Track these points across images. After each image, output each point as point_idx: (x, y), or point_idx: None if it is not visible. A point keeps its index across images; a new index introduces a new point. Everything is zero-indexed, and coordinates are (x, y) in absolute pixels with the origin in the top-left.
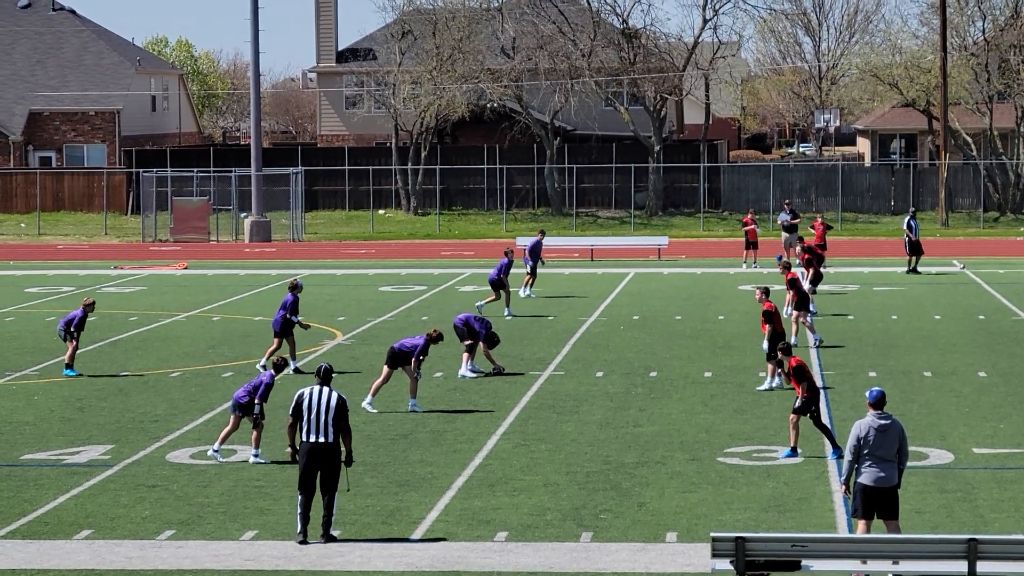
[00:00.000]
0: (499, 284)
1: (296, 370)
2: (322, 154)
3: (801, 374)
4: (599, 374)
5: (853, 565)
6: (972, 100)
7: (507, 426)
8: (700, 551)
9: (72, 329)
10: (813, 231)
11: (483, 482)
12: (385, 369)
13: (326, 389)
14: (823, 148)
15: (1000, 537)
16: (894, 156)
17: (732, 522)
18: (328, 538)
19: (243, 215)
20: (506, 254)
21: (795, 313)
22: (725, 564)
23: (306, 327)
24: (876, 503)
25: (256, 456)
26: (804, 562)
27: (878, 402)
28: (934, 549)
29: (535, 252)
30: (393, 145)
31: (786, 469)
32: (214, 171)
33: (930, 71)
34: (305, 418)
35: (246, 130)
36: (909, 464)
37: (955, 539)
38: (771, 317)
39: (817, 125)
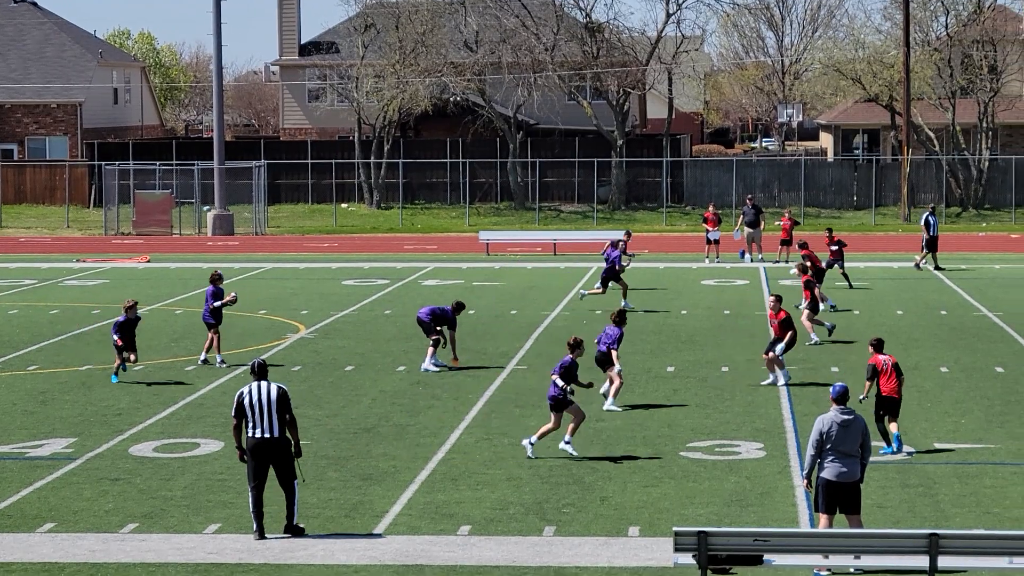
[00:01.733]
0: (613, 275)
1: (222, 362)
2: (285, 147)
3: (873, 372)
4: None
5: (815, 560)
6: (935, 95)
7: (470, 420)
8: (662, 545)
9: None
10: (780, 226)
11: (446, 476)
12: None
13: (264, 383)
14: (786, 143)
15: (961, 532)
16: (857, 151)
17: (694, 516)
18: (295, 531)
19: (206, 208)
20: (614, 245)
21: (806, 313)
22: (687, 558)
23: (233, 300)
24: (838, 498)
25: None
26: (766, 556)
27: (841, 397)
28: (895, 544)
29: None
30: (356, 139)
31: (748, 464)
32: (177, 164)
33: (893, 66)
34: (249, 415)
35: (209, 123)
36: (871, 459)
37: (916, 534)
38: (789, 324)
39: (780, 120)
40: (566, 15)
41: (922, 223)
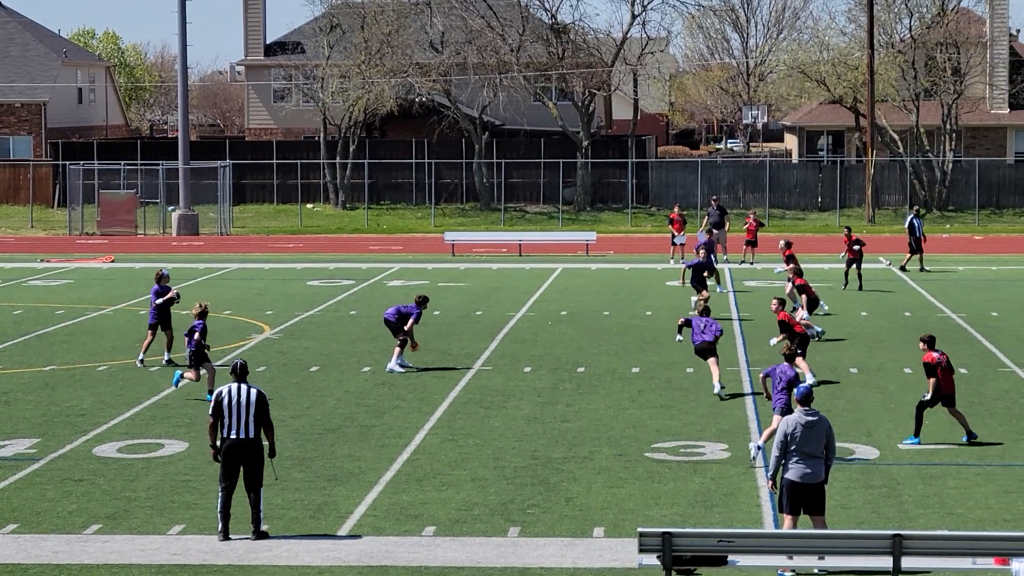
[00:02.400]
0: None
1: (169, 362)
2: (250, 148)
3: (930, 370)
4: (527, 369)
5: (779, 560)
6: (899, 97)
7: (435, 421)
8: (627, 546)
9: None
10: (746, 227)
11: (411, 477)
12: None
13: (244, 386)
14: (751, 144)
15: (924, 533)
16: (821, 152)
17: (659, 517)
18: (259, 534)
19: (170, 208)
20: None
21: (802, 313)
22: (652, 559)
23: (176, 298)
24: (803, 499)
25: None
26: (731, 557)
27: (806, 398)
28: (859, 545)
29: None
30: (321, 139)
31: (713, 465)
32: (141, 164)
33: (857, 68)
34: (226, 415)
35: (173, 123)
36: (835, 460)
37: (880, 535)
38: (787, 327)
39: (745, 121)
40: (531, 16)
41: (906, 226)
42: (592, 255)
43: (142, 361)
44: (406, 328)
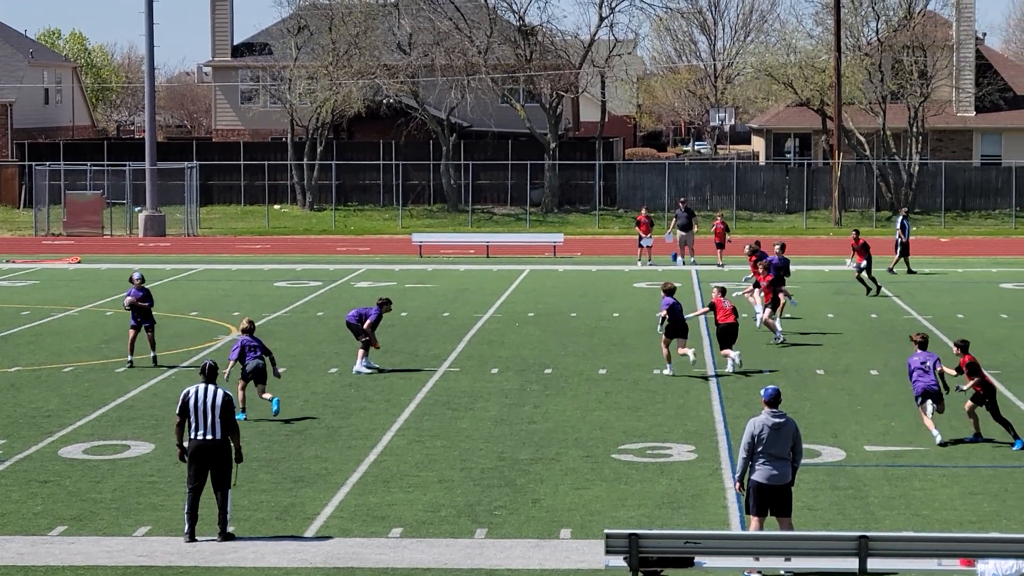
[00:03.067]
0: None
1: (154, 360)
2: (217, 149)
3: (974, 369)
4: (494, 371)
5: (746, 562)
6: (865, 100)
7: (402, 422)
8: (594, 548)
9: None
10: (714, 229)
11: (378, 478)
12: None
13: (211, 387)
14: (718, 146)
15: (890, 534)
16: (788, 155)
17: (626, 519)
18: (225, 536)
19: (137, 209)
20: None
21: (767, 312)
22: (619, 561)
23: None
24: (769, 501)
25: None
26: (697, 559)
27: (773, 400)
28: (825, 546)
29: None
30: (289, 140)
31: (680, 466)
32: (108, 165)
33: (824, 71)
34: (192, 416)
35: (140, 124)
36: (802, 462)
37: (846, 536)
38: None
39: (712, 123)
40: (499, 18)
41: (897, 226)
42: (559, 257)
43: (131, 362)
44: (365, 328)
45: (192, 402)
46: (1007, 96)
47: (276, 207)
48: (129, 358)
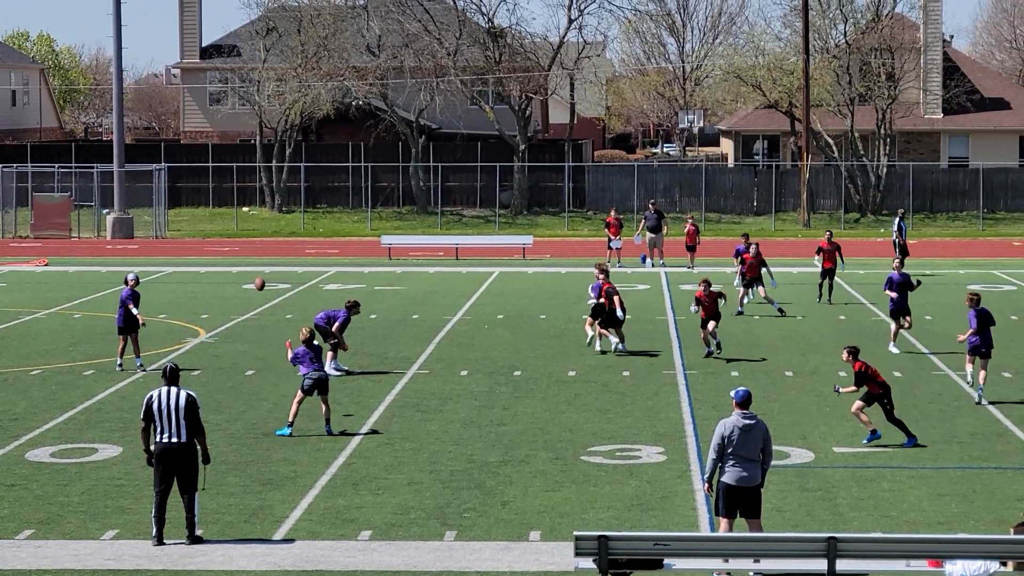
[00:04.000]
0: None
1: (141, 367)
2: (186, 151)
3: (862, 378)
4: (463, 373)
5: (715, 563)
6: (834, 102)
7: (371, 424)
8: (563, 550)
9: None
10: (685, 231)
11: (347, 481)
12: None
13: (175, 389)
14: (687, 148)
15: (859, 535)
16: (757, 157)
17: (595, 521)
18: (194, 539)
19: (105, 211)
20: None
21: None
22: (588, 563)
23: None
24: (739, 502)
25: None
26: (666, 560)
27: (744, 402)
28: (794, 547)
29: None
30: (257, 142)
31: (649, 468)
32: (76, 167)
33: (793, 73)
34: (157, 419)
35: (108, 125)
36: (778, 464)
37: (815, 537)
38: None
39: (681, 125)
40: (468, 20)
41: (895, 228)
42: (529, 259)
43: (121, 365)
44: (333, 331)
45: (156, 405)
46: (974, 98)
47: (245, 209)
48: (119, 361)
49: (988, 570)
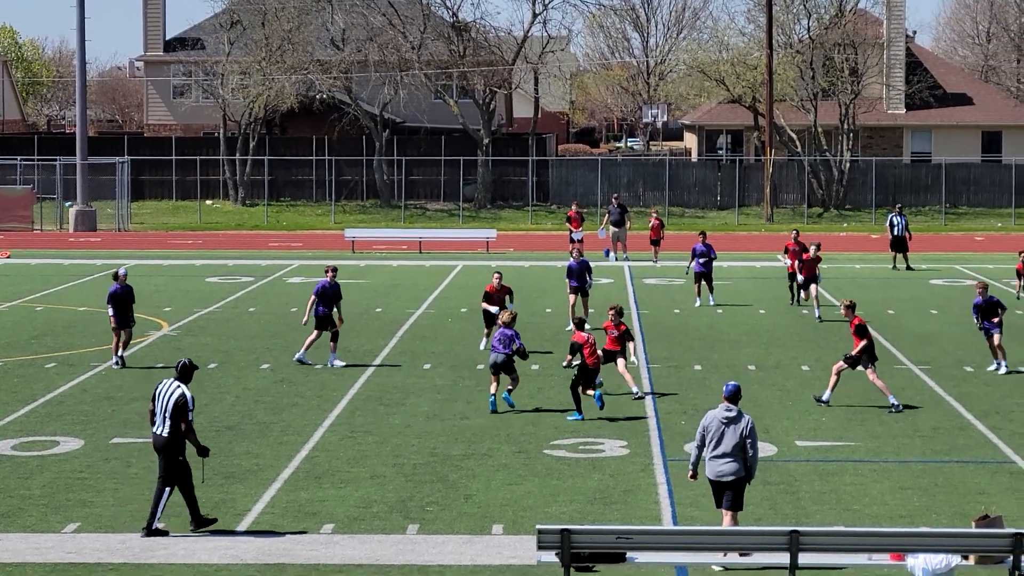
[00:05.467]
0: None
1: (122, 361)
2: (149, 143)
3: (863, 331)
4: (427, 366)
5: (677, 557)
6: (797, 97)
7: (334, 418)
8: (526, 543)
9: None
10: (650, 226)
11: (309, 474)
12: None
13: (174, 383)
14: (650, 143)
15: (821, 529)
16: (720, 151)
17: (558, 514)
18: (150, 532)
19: (68, 204)
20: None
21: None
22: (551, 556)
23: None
24: (718, 495)
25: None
26: (629, 554)
27: (731, 396)
28: (757, 541)
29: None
30: (221, 135)
31: (612, 461)
32: (38, 159)
33: (756, 68)
34: (155, 409)
35: (71, 118)
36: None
37: (777, 531)
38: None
39: (645, 120)
40: (433, 14)
41: (887, 224)
42: (492, 252)
43: (117, 362)
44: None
45: (155, 394)
46: (937, 93)
47: (208, 202)
48: (114, 358)
49: (950, 564)
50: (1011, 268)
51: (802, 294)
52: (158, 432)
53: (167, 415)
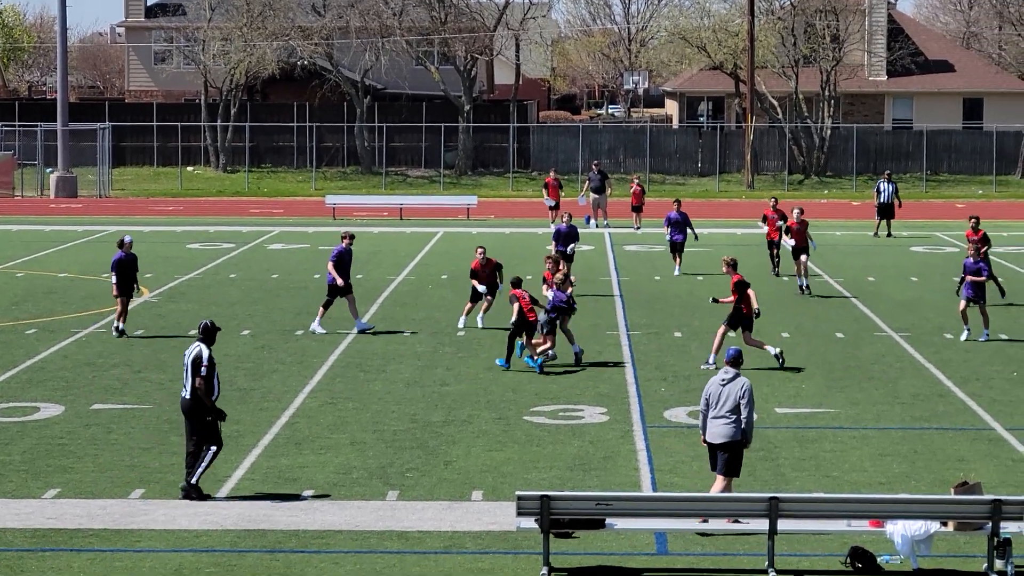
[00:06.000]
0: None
1: (121, 331)
2: (130, 110)
3: (741, 287)
4: (407, 333)
5: (657, 523)
6: (778, 64)
7: (314, 384)
8: (506, 509)
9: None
10: (631, 192)
11: (290, 440)
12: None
13: (195, 344)
14: (632, 110)
15: (800, 495)
16: (701, 118)
17: (538, 481)
18: (195, 491)
19: (49, 170)
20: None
21: None
22: (530, 522)
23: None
24: (713, 457)
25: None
26: (608, 520)
27: (732, 360)
28: (736, 507)
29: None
30: (202, 102)
31: (591, 428)
32: (19, 125)
33: (737, 35)
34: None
35: (52, 84)
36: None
37: (757, 497)
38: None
39: (626, 87)
40: None
41: (874, 190)
42: (473, 219)
43: (117, 330)
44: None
45: (183, 360)
46: (918, 60)
47: (189, 169)
48: (118, 326)
49: (929, 530)
50: (991, 236)
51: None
52: (183, 395)
53: (188, 376)
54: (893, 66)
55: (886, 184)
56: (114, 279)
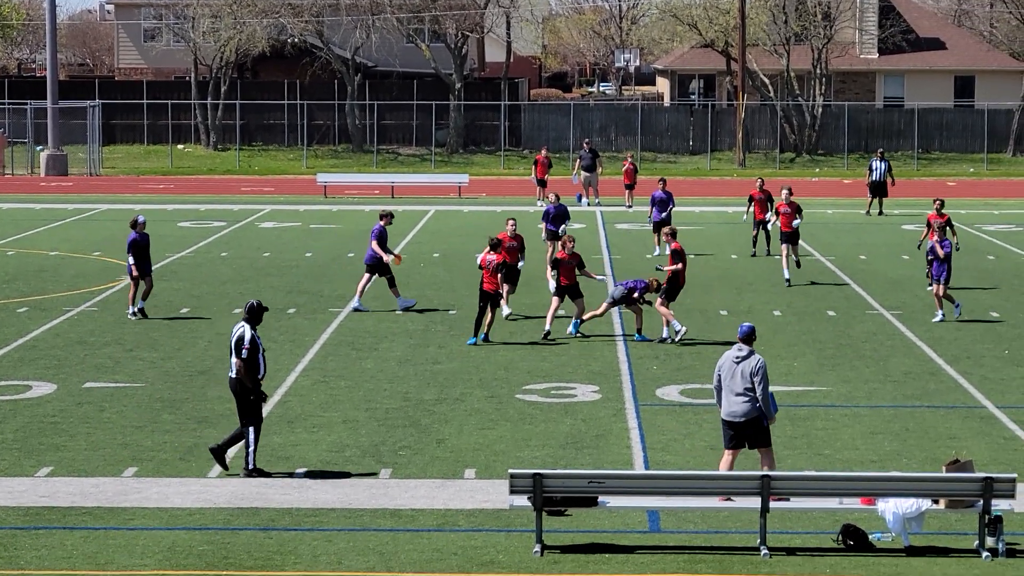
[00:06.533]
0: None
1: (142, 312)
2: (120, 87)
3: (679, 256)
4: (399, 311)
5: (649, 501)
6: (770, 41)
7: (306, 363)
8: (498, 487)
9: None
10: (623, 170)
11: (282, 418)
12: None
13: (239, 324)
14: (623, 87)
15: (792, 473)
16: (693, 96)
17: (530, 459)
18: (248, 472)
19: (39, 148)
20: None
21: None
22: (523, 500)
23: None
24: (738, 435)
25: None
26: (601, 498)
27: (745, 337)
28: (728, 485)
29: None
30: (192, 79)
31: (584, 406)
32: (9, 103)
33: (729, 12)
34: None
35: (42, 62)
36: (711, 402)
37: (749, 475)
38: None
39: (617, 64)
40: None
41: (867, 168)
42: (464, 197)
43: (135, 312)
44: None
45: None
46: (910, 38)
47: (180, 147)
48: (132, 309)
49: (920, 508)
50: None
51: (783, 248)
52: (230, 374)
53: (232, 356)
54: (884, 44)
55: (879, 162)
56: (131, 260)
